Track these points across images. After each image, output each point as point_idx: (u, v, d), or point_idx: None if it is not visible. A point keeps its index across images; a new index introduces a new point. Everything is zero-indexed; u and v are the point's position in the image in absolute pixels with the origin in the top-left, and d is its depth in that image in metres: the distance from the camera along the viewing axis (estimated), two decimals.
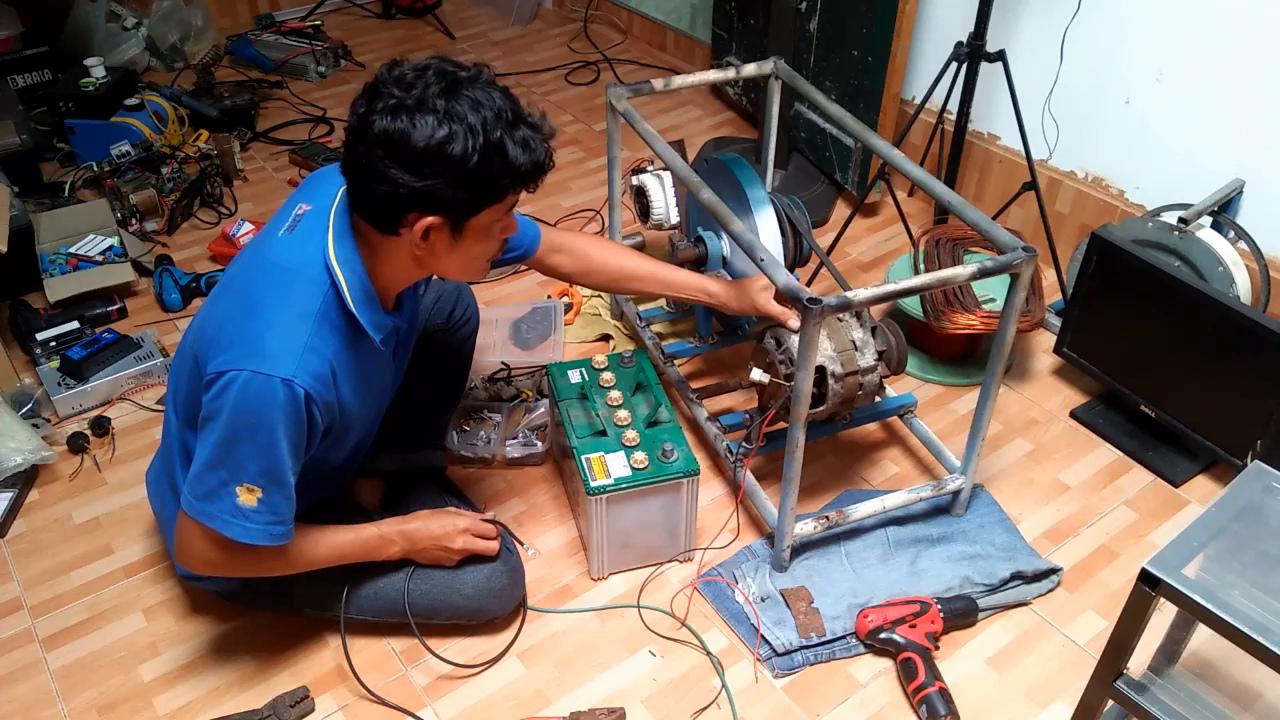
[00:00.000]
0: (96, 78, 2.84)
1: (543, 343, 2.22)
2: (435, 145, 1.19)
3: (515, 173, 1.25)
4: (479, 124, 1.20)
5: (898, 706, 1.56)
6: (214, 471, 1.30)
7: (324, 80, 3.35)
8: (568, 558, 1.79)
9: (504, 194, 1.29)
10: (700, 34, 3.34)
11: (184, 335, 1.50)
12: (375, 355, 1.41)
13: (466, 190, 1.24)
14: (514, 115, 1.25)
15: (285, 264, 1.32)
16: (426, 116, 1.19)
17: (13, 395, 2.04)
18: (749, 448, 1.75)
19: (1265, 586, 1.13)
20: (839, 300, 1.42)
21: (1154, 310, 1.86)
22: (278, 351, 1.27)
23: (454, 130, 1.19)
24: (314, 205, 1.36)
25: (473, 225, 1.29)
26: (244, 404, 1.26)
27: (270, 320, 1.29)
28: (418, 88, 1.20)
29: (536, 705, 1.56)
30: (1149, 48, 2.13)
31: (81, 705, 1.57)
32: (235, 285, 1.38)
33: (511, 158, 1.24)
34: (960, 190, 2.54)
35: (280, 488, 1.32)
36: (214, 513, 1.31)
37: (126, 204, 2.55)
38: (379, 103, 1.20)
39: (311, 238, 1.33)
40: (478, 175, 1.22)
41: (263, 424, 1.27)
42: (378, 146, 1.20)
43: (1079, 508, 1.88)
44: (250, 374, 1.25)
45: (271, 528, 1.34)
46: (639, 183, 2.20)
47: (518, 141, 1.24)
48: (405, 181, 1.21)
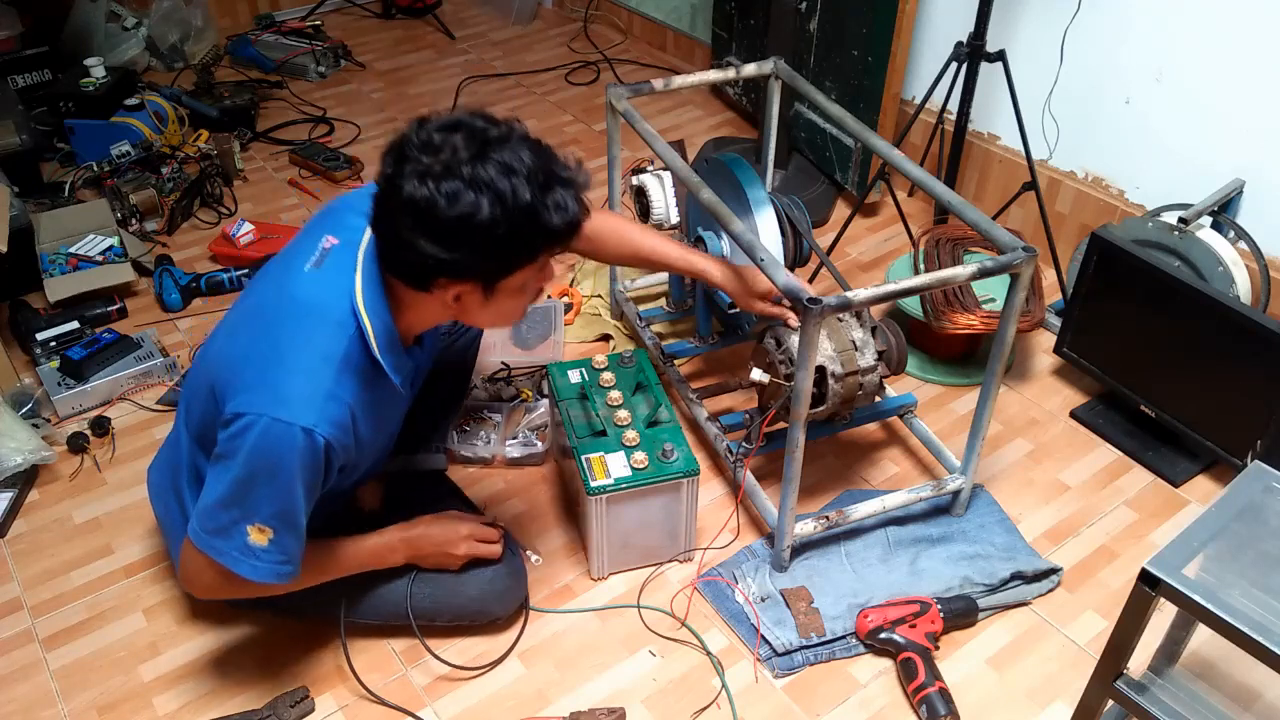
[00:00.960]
0: (96, 78, 2.84)
1: (543, 343, 2.22)
2: (462, 216, 1.14)
3: (548, 235, 1.21)
4: (508, 190, 1.15)
5: (898, 706, 1.56)
6: (226, 510, 1.29)
7: (324, 80, 3.35)
8: (568, 558, 1.79)
9: (536, 255, 1.25)
10: (700, 34, 3.34)
11: (201, 353, 1.48)
12: (394, 393, 1.40)
13: (496, 258, 1.20)
14: (546, 175, 1.19)
15: (310, 304, 1.29)
16: (454, 184, 1.14)
17: (13, 395, 2.04)
18: (749, 448, 1.75)
19: (1265, 586, 1.13)
20: (839, 300, 1.42)
21: (1154, 310, 1.86)
22: (300, 398, 1.25)
23: (480, 200, 1.14)
24: (341, 239, 1.33)
25: (505, 285, 1.26)
26: (263, 449, 1.24)
27: (293, 365, 1.26)
28: (445, 151, 1.15)
29: (536, 705, 1.56)
30: (1149, 48, 2.13)
31: (81, 705, 1.57)
32: (257, 319, 1.34)
33: (544, 221, 1.19)
34: (960, 190, 2.54)
35: (292, 529, 1.31)
36: (223, 549, 1.30)
37: (126, 204, 2.55)
38: (405, 166, 1.15)
39: (339, 277, 1.29)
40: (507, 243, 1.18)
41: (281, 470, 1.25)
42: (404, 214, 1.16)
43: (1079, 508, 1.88)
44: (271, 420, 1.23)
45: (280, 567, 1.33)
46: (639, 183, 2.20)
47: (550, 205, 1.19)
48: (432, 252, 1.17)
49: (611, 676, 1.60)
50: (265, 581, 1.33)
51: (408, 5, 3.76)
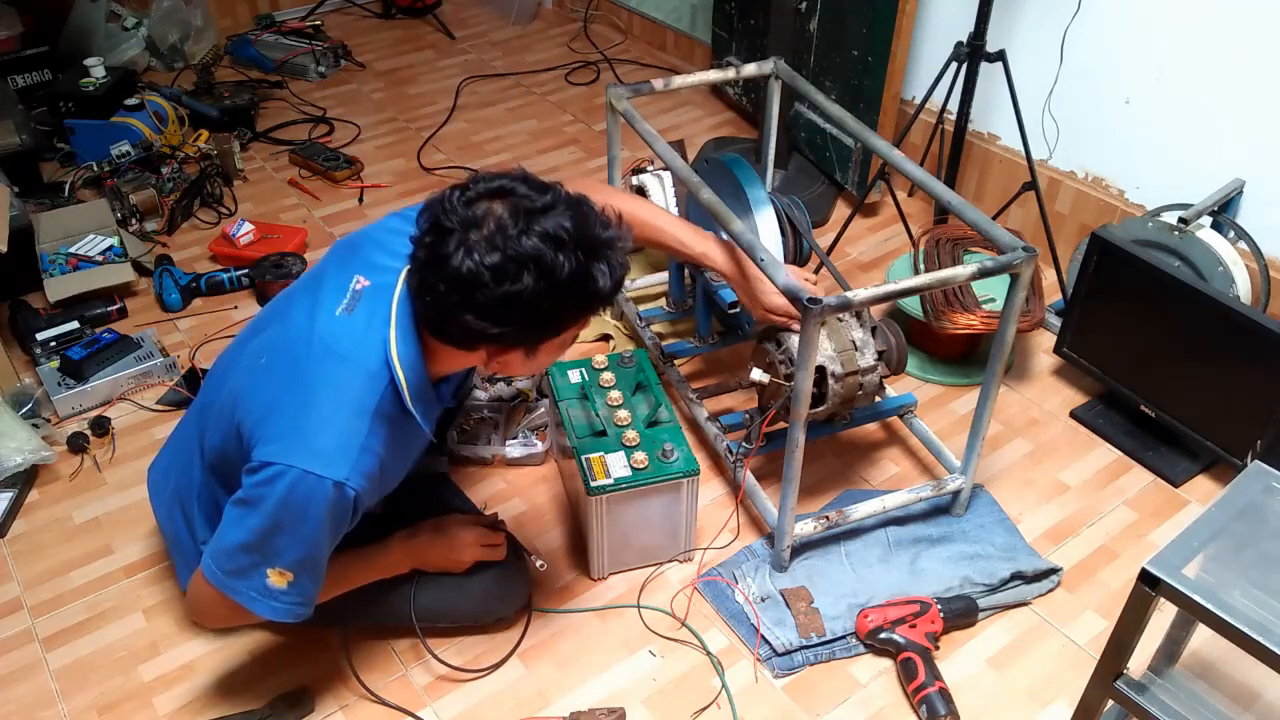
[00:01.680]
0: (96, 78, 2.84)
1: None
2: (509, 294, 1.13)
3: (595, 299, 1.20)
4: (553, 263, 1.13)
5: (898, 706, 1.56)
6: (247, 554, 1.28)
7: (324, 80, 3.35)
8: (568, 558, 1.79)
9: (581, 319, 1.25)
10: (700, 34, 3.34)
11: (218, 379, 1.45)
12: (420, 434, 1.38)
13: (542, 326, 1.20)
14: (590, 241, 1.17)
15: (343, 354, 1.27)
16: (500, 260, 1.12)
17: (13, 395, 2.04)
18: (749, 448, 1.75)
19: (1265, 586, 1.13)
20: (839, 300, 1.42)
21: (1154, 310, 1.86)
22: (333, 452, 1.23)
23: (526, 277, 1.13)
24: (373, 282, 1.30)
25: (548, 345, 1.26)
26: (292, 501, 1.23)
27: (327, 417, 1.25)
28: (488, 224, 1.14)
29: (536, 705, 1.56)
30: (1149, 48, 2.13)
31: (81, 705, 1.57)
32: (287, 362, 1.31)
33: (589, 289, 1.18)
34: (960, 190, 2.54)
35: (312, 574, 1.31)
36: (241, 589, 1.30)
37: (126, 204, 2.55)
38: (450, 239, 1.13)
39: (372, 326, 1.27)
40: (553, 313, 1.18)
41: (308, 520, 1.25)
42: (450, 291, 1.14)
43: (1079, 508, 1.88)
44: (302, 473, 1.22)
45: (297, 608, 1.33)
46: (639, 183, 2.20)
47: (597, 272, 1.18)
48: (479, 327, 1.16)
49: (611, 676, 1.60)
50: (281, 620, 1.33)
51: (408, 5, 3.76)
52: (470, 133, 3.07)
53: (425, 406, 1.33)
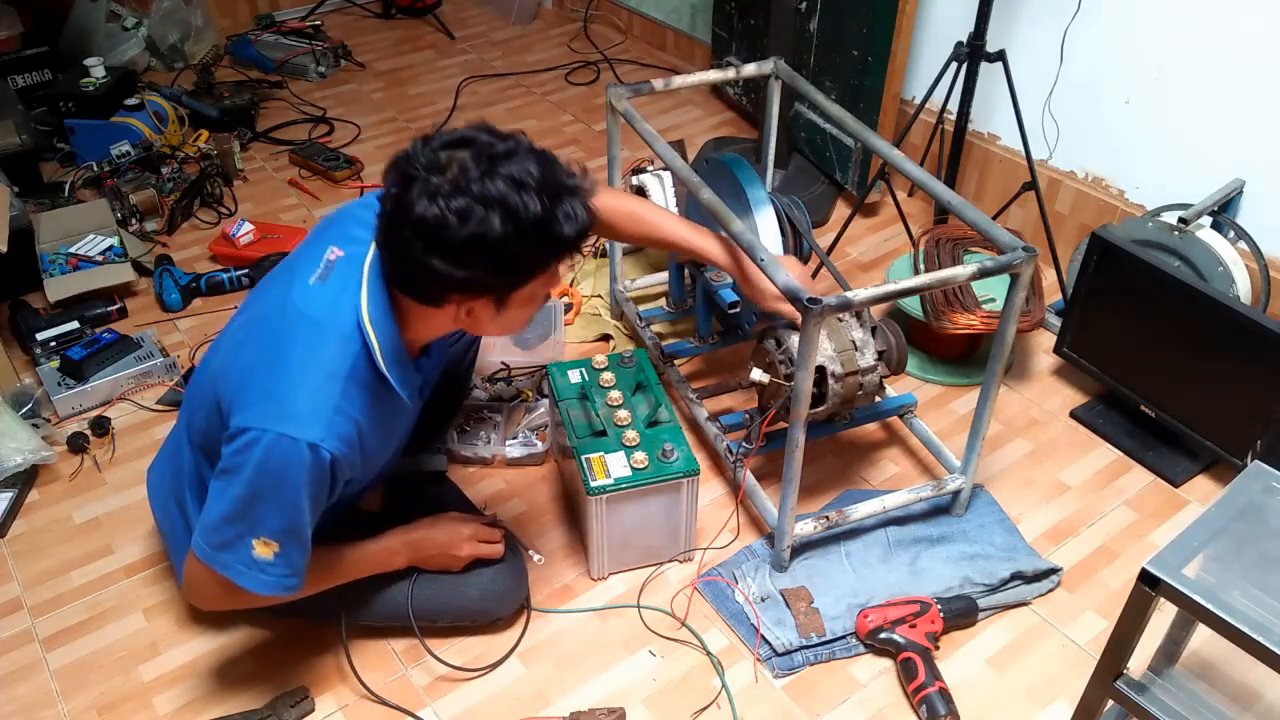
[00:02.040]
0: (96, 78, 2.84)
1: (543, 343, 2.22)
2: (474, 234, 1.14)
3: (560, 245, 1.21)
4: (519, 205, 1.15)
5: (898, 706, 1.56)
6: (231, 525, 1.29)
7: (324, 80, 3.35)
8: (568, 558, 1.79)
9: (548, 265, 1.25)
10: (700, 34, 3.34)
11: (204, 363, 1.48)
12: (401, 405, 1.39)
13: (509, 273, 1.21)
14: (554, 186, 1.19)
15: (315, 319, 1.28)
16: (463, 202, 1.13)
17: (13, 395, 2.04)
18: (749, 448, 1.75)
19: (1265, 586, 1.13)
20: (839, 300, 1.42)
21: (1154, 310, 1.86)
22: (306, 414, 1.24)
23: (491, 216, 1.14)
24: (346, 252, 1.32)
25: (517, 296, 1.26)
26: (268, 465, 1.24)
27: (298, 379, 1.26)
28: (452, 169, 1.15)
29: (536, 705, 1.56)
30: (1149, 48, 2.13)
31: (81, 705, 1.57)
32: (262, 332, 1.33)
33: (555, 232, 1.19)
34: (960, 190, 2.54)
35: (297, 542, 1.31)
36: (228, 563, 1.30)
37: (126, 204, 2.55)
38: (413, 186, 1.15)
39: (344, 291, 1.29)
40: (519, 257, 1.19)
41: (286, 485, 1.25)
42: (415, 235, 1.15)
43: (1079, 508, 1.88)
44: (277, 435, 1.23)
45: (285, 580, 1.33)
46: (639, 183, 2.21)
47: (561, 216, 1.19)
48: (445, 271, 1.17)
49: (611, 676, 1.60)
50: (271, 594, 1.33)
51: (408, 5, 3.76)
52: None
53: (402, 372, 1.33)
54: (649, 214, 1.71)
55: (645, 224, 1.70)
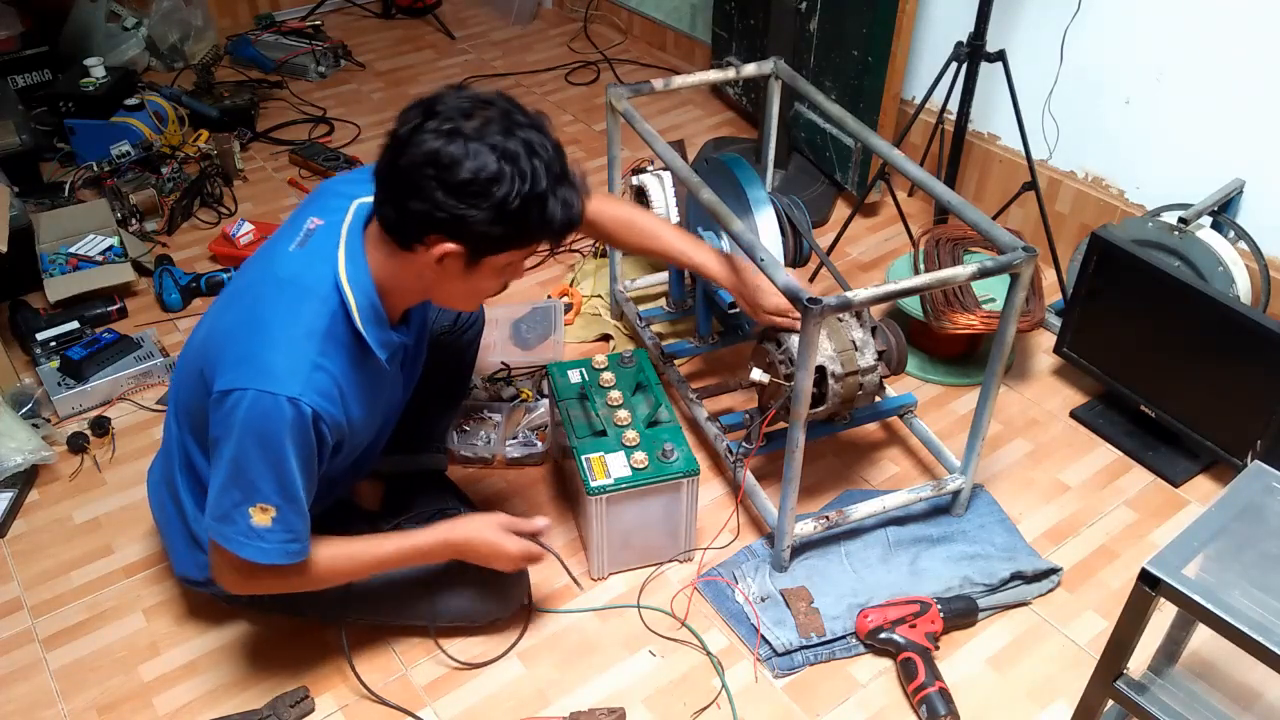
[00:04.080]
0: (96, 78, 2.84)
1: (543, 343, 2.22)
2: (484, 180, 1.18)
3: (548, 227, 1.26)
4: (529, 170, 1.20)
5: (898, 706, 1.56)
6: (228, 493, 1.29)
7: (324, 80, 3.35)
8: (568, 558, 1.78)
9: (530, 242, 1.28)
10: (700, 34, 3.34)
11: (188, 342, 1.49)
12: (383, 372, 1.40)
13: (499, 229, 1.22)
14: (561, 171, 1.25)
15: (294, 280, 1.31)
16: (480, 149, 1.18)
17: (13, 395, 2.04)
18: (749, 448, 1.75)
19: (1265, 586, 1.13)
20: (839, 300, 1.42)
21: (1154, 310, 1.87)
22: (284, 370, 1.26)
23: (504, 170, 1.19)
24: (326, 220, 1.34)
25: (489, 262, 1.28)
26: (251, 423, 1.25)
27: (277, 338, 1.28)
28: (477, 118, 1.20)
29: (536, 705, 1.56)
30: (1149, 48, 2.13)
31: (81, 705, 1.57)
32: (242, 299, 1.36)
33: (550, 213, 1.24)
34: (960, 190, 2.54)
35: (293, 504, 1.31)
36: (230, 534, 1.31)
37: (126, 204, 2.55)
38: (435, 122, 1.19)
39: (322, 254, 1.31)
40: (514, 218, 1.21)
41: (271, 442, 1.26)
42: (426, 165, 1.18)
43: (1079, 508, 1.88)
44: (257, 393, 1.24)
45: (287, 545, 1.33)
46: (639, 183, 2.20)
47: (560, 199, 1.24)
48: (443, 204, 1.19)
49: (611, 676, 1.60)
50: (275, 562, 1.33)
51: (408, 5, 3.76)
52: None
53: (380, 333, 1.34)
54: (647, 223, 1.72)
55: (642, 233, 1.71)
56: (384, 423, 1.56)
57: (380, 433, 1.57)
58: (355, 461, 1.57)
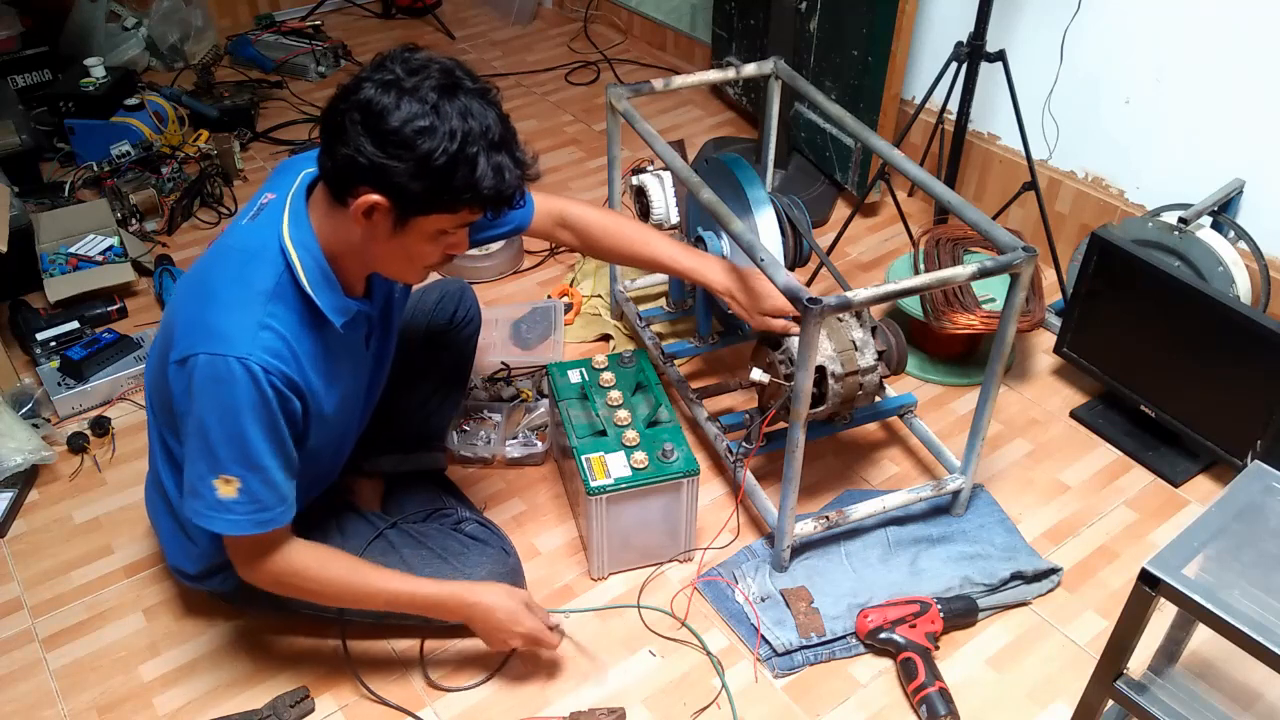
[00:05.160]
0: (96, 78, 2.84)
1: (543, 343, 2.22)
2: (409, 132, 1.18)
3: (476, 191, 1.22)
4: (460, 131, 1.19)
5: (898, 706, 1.56)
6: (194, 466, 1.29)
7: (324, 80, 3.35)
8: (568, 558, 1.79)
9: (458, 207, 1.25)
10: (700, 34, 3.34)
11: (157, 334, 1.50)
12: (345, 343, 1.39)
13: (422, 185, 1.21)
14: (500, 139, 1.23)
15: (240, 248, 1.32)
16: (413, 103, 1.18)
17: (13, 395, 2.04)
18: (749, 448, 1.75)
19: (1265, 586, 1.13)
20: (839, 300, 1.42)
21: (1154, 310, 1.86)
22: (231, 330, 1.25)
23: (433, 125, 1.18)
24: (278, 194, 1.35)
25: (418, 224, 1.26)
26: (205, 387, 1.25)
27: (222, 300, 1.28)
28: (419, 75, 1.20)
29: (536, 705, 1.56)
30: (1149, 48, 2.13)
31: (81, 705, 1.57)
32: (194, 275, 1.37)
33: (479, 175, 1.21)
34: (960, 190, 2.54)
35: (258, 473, 1.29)
36: (200, 509, 1.30)
37: (126, 204, 2.55)
38: (377, 74, 1.21)
39: (270, 223, 1.31)
40: (438, 176, 1.20)
41: (226, 406, 1.25)
42: (356, 110, 1.19)
43: (1079, 508, 1.88)
44: (206, 356, 1.24)
45: (257, 515, 1.31)
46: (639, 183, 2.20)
47: (492, 165, 1.22)
48: (367, 151, 1.19)
49: (611, 676, 1.60)
50: (245, 533, 1.31)
51: (408, 5, 3.76)
52: None
53: (331, 297, 1.32)
54: (634, 230, 1.71)
55: (630, 240, 1.69)
56: (361, 405, 1.54)
57: (359, 416, 1.56)
58: (336, 449, 1.55)
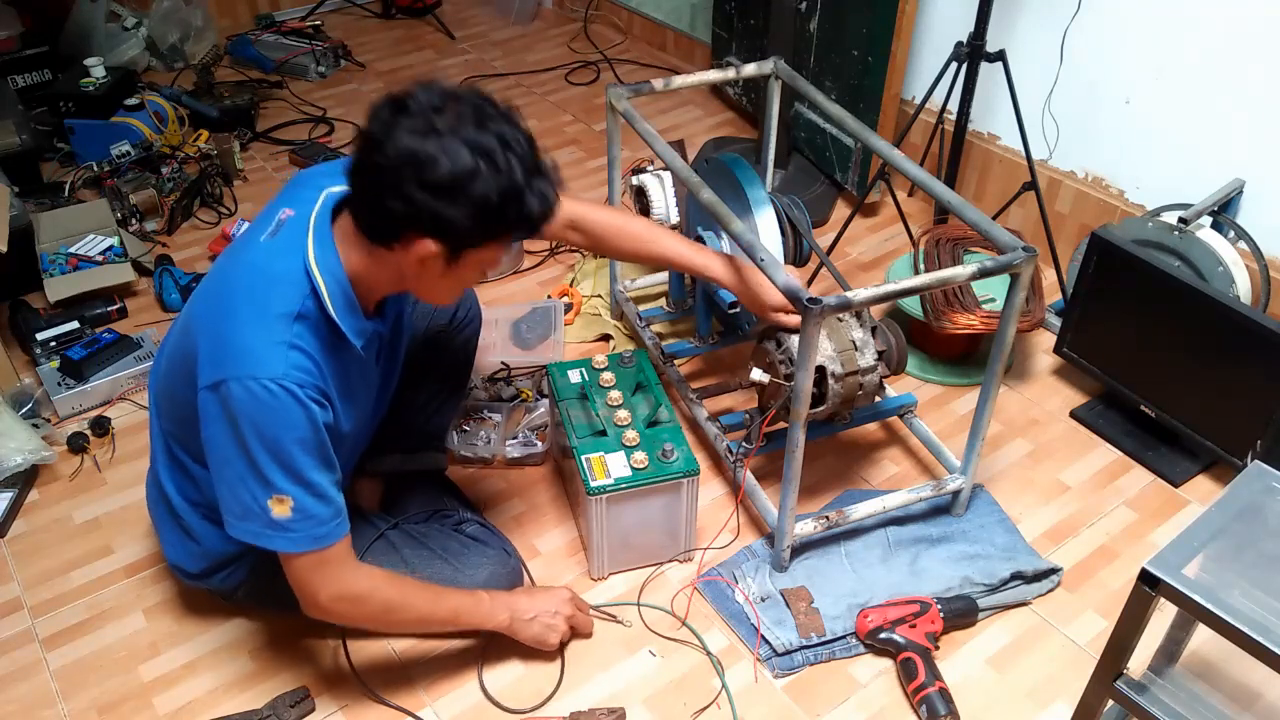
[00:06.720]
0: (96, 78, 2.84)
1: (543, 343, 2.22)
2: (462, 176, 1.18)
3: (527, 220, 1.25)
4: (505, 164, 1.20)
5: (898, 706, 1.56)
6: (244, 488, 1.29)
7: (324, 80, 3.35)
8: (568, 558, 1.79)
9: (508, 235, 1.28)
10: (700, 34, 3.34)
11: (166, 335, 1.50)
12: (359, 361, 1.40)
13: (479, 225, 1.22)
14: (536, 163, 1.25)
15: (263, 268, 1.31)
16: (456, 145, 1.18)
17: (13, 395, 2.04)
18: (749, 448, 1.75)
19: (1265, 586, 1.13)
20: (839, 300, 1.42)
21: (1154, 310, 1.86)
22: (262, 353, 1.25)
23: (480, 167, 1.18)
24: (297, 211, 1.35)
25: (469, 257, 1.28)
26: (246, 412, 1.24)
27: (249, 323, 1.27)
28: (448, 114, 1.19)
29: (536, 705, 1.56)
30: (1149, 47, 2.13)
31: (81, 705, 1.57)
32: (214, 291, 1.36)
33: (528, 206, 1.23)
34: (960, 190, 2.54)
35: (307, 488, 1.30)
36: (257, 530, 1.30)
37: (126, 204, 2.55)
38: (409, 120, 1.18)
39: (292, 242, 1.31)
40: (493, 214, 1.21)
41: (271, 427, 1.25)
42: (404, 164, 1.18)
43: (1079, 508, 1.88)
44: (239, 381, 1.24)
45: (315, 529, 1.32)
46: (639, 183, 2.21)
47: (537, 193, 1.24)
48: (422, 203, 1.19)
49: (611, 676, 1.60)
50: (304, 550, 1.32)
51: (408, 5, 3.76)
52: None
53: (354, 321, 1.33)
54: (641, 228, 1.72)
55: (637, 238, 1.70)
56: (365, 418, 1.55)
57: (368, 432, 1.57)
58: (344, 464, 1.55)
